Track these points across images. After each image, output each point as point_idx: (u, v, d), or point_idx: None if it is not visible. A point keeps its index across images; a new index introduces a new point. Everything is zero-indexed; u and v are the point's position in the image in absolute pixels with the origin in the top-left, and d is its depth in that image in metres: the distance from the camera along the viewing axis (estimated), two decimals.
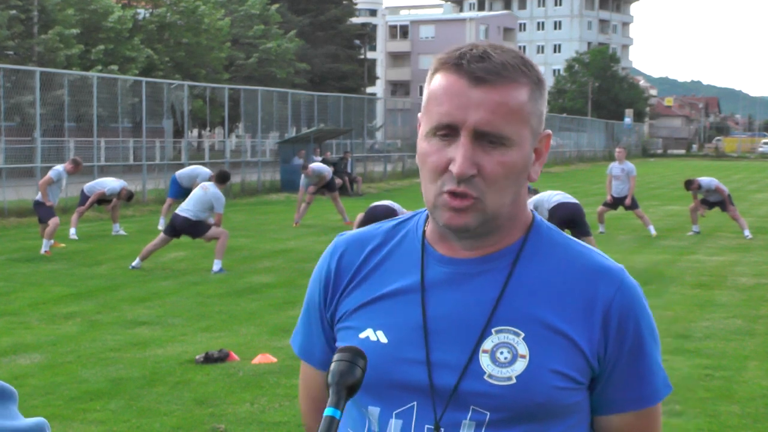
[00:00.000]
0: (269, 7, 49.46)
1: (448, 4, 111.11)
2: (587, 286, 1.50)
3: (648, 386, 1.53)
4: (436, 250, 1.55)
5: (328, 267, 1.62)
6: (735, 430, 5.77)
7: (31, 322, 8.85)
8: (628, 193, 16.48)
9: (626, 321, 1.50)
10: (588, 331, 1.48)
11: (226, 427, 5.71)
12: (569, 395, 1.48)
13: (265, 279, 11.48)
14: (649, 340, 1.52)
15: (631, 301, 1.51)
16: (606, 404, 1.53)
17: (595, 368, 1.50)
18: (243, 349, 7.61)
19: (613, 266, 1.53)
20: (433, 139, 1.46)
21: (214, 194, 11.89)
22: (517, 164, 1.45)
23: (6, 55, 33.52)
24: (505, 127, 1.43)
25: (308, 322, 1.67)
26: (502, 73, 1.43)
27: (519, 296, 1.49)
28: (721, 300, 10.23)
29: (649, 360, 1.52)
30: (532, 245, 1.53)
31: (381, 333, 1.52)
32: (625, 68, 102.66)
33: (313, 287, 1.65)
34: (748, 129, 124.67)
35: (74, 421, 5.81)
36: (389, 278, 1.56)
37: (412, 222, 1.61)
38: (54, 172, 14.10)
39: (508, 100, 1.43)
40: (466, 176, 1.42)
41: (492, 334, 1.48)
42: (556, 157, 53.65)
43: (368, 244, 1.60)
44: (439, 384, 1.48)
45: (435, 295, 1.52)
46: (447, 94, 1.44)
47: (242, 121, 33.26)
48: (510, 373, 1.46)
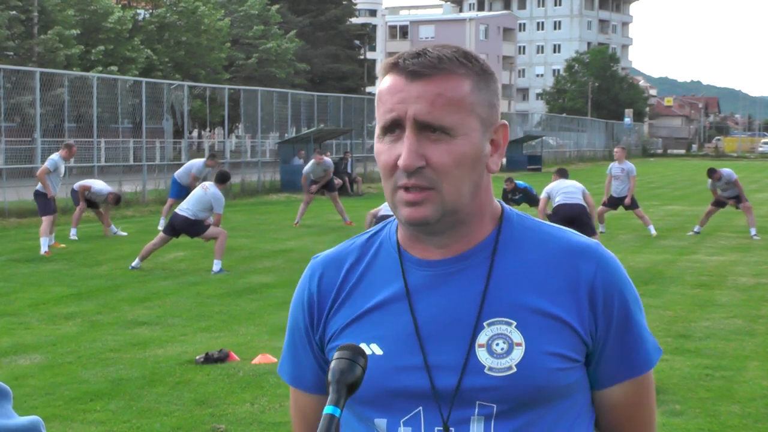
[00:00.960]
0: (269, 8, 49.44)
1: (448, 5, 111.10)
2: (567, 266, 1.52)
3: (640, 354, 1.56)
4: (412, 254, 1.56)
5: (309, 290, 1.62)
6: (735, 430, 5.76)
7: (31, 322, 8.84)
8: (628, 193, 16.50)
9: (611, 295, 1.53)
10: (577, 309, 1.51)
11: (226, 428, 5.71)
12: (568, 375, 1.50)
13: (265, 279, 11.48)
14: (635, 309, 1.56)
15: (613, 273, 1.54)
16: (603, 378, 1.56)
17: (589, 345, 1.52)
18: (243, 350, 7.61)
19: (588, 243, 1.56)
20: (384, 138, 1.49)
21: (214, 194, 11.90)
22: (466, 154, 1.46)
23: (6, 55, 33.51)
24: (446, 117, 1.45)
25: (295, 348, 1.66)
26: (437, 65, 1.46)
27: (504, 287, 1.51)
28: (722, 300, 10.22)
29: (638, 328, 1.56)
30: (507, 236, 1.55)
31: (375, 345, 1.53)
32: (625, 68, 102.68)
33: (296, 313, 1.65)
34: (747, 129, 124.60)
35: (74, 421, 5.81)
36: (373, 291, 1.57)
37: (384, 231, 1.62)
38: (50, 162, 14.01)
39: (445, 91, 1.45)
40: (412, 168, 1.44)
41: (485, 328, 1.49)
42: (557, 156, 53.65)
43: (345, 261, 1.61)
44: (441, 386, 1.48)
45: (421, 299, 1.53)
46: (388, 93, 1.48)
47: (242, 121, 33.25)
48: (509, 363, 1.47)
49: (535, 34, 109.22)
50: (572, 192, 11.65)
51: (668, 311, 9.36)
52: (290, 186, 26.95)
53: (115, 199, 15.61)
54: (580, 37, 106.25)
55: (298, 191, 26.28)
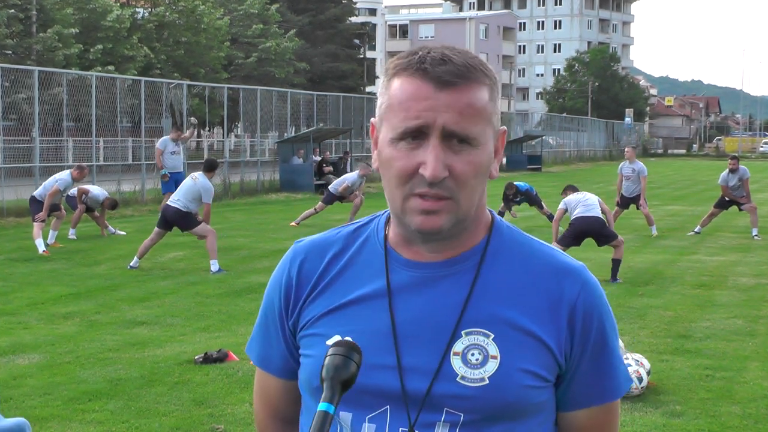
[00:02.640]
0: (268, 7, 49.45)
1: (448, 4, 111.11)
2: (552, 285, 1.52)
3: (611, 381, 1.56)
4: (399, 254, 1.55)
5: (288, 274, 1.62)
6: (736, 431, 5.75)
7: (30, 322, 8.83)
8: (641, 193, 16.54)
9: (590, 318, 1.52)
10: (555, 329, 1.50)
11: (225, 428, 5.69)
12: (538, 393, 1.50)
13: (264, 279, 11.44)
14: (612, 335, 1.56)
15: (595, 298, 1.54)
16: (571, 400, 1.56)
17: (562, 365, 1.52)
18: (242, 349, 7.56)
19: (575, 265, 1.56)
20: (400, 144, 1.46)
21: (203, 184, 12.00)
22: (483, 164, 1.47)
23: (5, 54, 33.49)
24: (472, 127, 1.44)
25: (266, 330, 1.66)
26: (466, 75, 1.45)
27: (486, 298, 1.51)
28: (722, 300, 10.21)
29: (612, 355, 1.56)
30: (495, 245, 1.55)
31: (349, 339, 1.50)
32: (626, 68, 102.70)
33: (272, 295, 1.65)
34: (748, 129, 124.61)
35: (73, 421, 5.79)
36: (354, 284, 1.55)
37: (371, 226, 1.61)
38: (62, 183, 13.96)
39: (474, 101, 1.45)
40: (439, 179, 1.43)
41: (462, 336, 1.49)
42: (557, 156, 53.64)
43: (329, 250, 1.60)
44: (412, 388, 1.48)
45: (402, 299, 1.52)
46: (414, 99, 1.44)
47: (241, 120, 33.24)
48: (482, 374, 1.47)
49: (536, 34, 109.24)
50: (592, 205, 11.56)
51: (668, 311, 9.34)
52: (289, 185, 26.93)
53: (111, 204, 15.54)
54: (580, 36, 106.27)
55: (297, 191, 26.32)
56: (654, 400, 6.25)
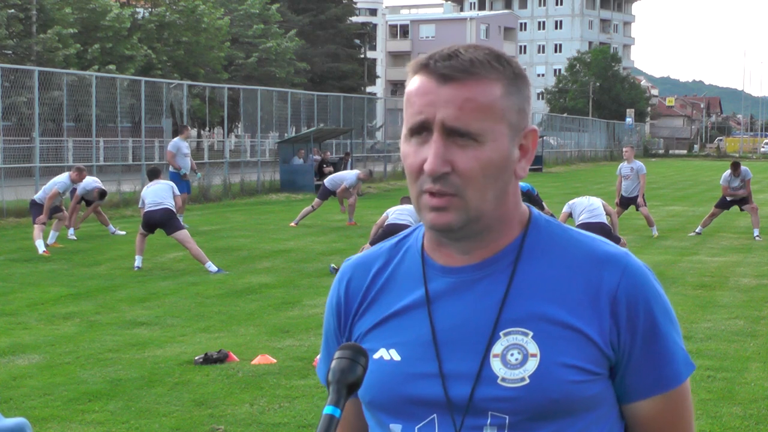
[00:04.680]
0: (269, 7, 49.44)
1: (449, 4, 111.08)
2: (591, 275, 1.49)
3: (669, 368, 1.51)
4: (435, 261, 1.54)
5: (338, 294, 1.64)
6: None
7: (30, 322, 8.82)
8: (639, 192, 16.52)
9: (635, 305, 1.48)
10: (597, 320, 1.47)
11: (226, 428, 5.68)
12: (587, 387, 1.46)
13: (265, 279, 11.45)
14: (663, 320, 1.51)
15: (639, 283, 1.50)
16: (630, 391, 1.52)
17: (611, 357, 1.48)
18: (242, 350, 7.58)
19: (616, 251, 1.52)
20: (411, 140, 1.46)
21: (168, 182, 12.81)
22: (492, 160, 1.44)
23: (5, 54, 33.49)
24: (474, 123, 1.42)
25: (328, 351, 1.67)
26: (469, 69, 1.43)
27: (523, 296, 1.49)
28: (723, 301, 10.20)
29: (667, 341, 1.51)
30: (532, 242, 1.52)
31: (394, 351, 1.52)
32: (627, 68, 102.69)
33: (328, 317, 1.67)
34: (749, 129, 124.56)
35: (73, 422, 5.78)
36: (396, 296, 1.56)
37: (413, 236, 1.61)
38: (61, 185, 14.03)
39: (476, 96, 1.43)
40: (437, 173, 1.42)
41: (501, 338, 1.47)
42: (558, 157, 53.62)
43: (373, 265, 1.61)
44: (455, 395, 1.47)
45: (441, 306, 1.52)
46: (417, 95, 1.45)
47: (241, 120, 33.21)
48: (523, 374, 1.45)
49: (537, 34, 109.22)
50: (597, 210, 11.52)
51: None
52: (290, 186, 26.92)
53: (100, 193, 15.53)
54: (581, 36, 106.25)
55: (297, 191, 26.31)
56: None
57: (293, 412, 5.95)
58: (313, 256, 13.45)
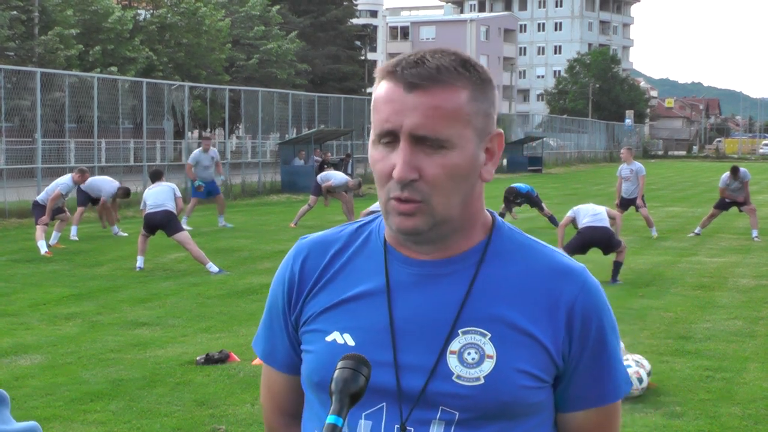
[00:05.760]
0: (270, 8, 49.45)
1: (449, 6, 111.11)
2: (551, 286, 1.51)
3: (610, 383, 1.55)
4: (399, 252, 1.55)
5: (291, 270, 1.63)
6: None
7: (32, 322, 8.84)
8: (638, 193, 16.55)
9: (589, 319, 1.52)
10: (552, 330, 1.50)
11: (227, 428, 5.71)
12: (535, 394, 1.50)
13: (266, 280, 11.47)
14: (611, 337, 1.55)
15: (594, 299, 1.53)
16: (570, 401, 1.55)
17: (560, 366, 1.52)
18: (243, 350, 7.60)
19: (575, 266, 1.55)
20: (379, 146, 1.48)
21: (169, 184, 12.69)
22: (459, 166, 1.45)
23: (7, 56, 33.51)
24: (442, 130, 1.43)
25: (270, 325, 1.67)
26: (435, 77, 1.44)
27: (484, 297, 1.51)
28: (722, 301, 10.22)
29: (612, 357, 1.55)
30: (496, 246, 1.55)
31: (348, 336, 1.53)
32: (626, 69, 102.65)
33: (276, 291, 1.66)
34: (748, 130, 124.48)
35: (74, 422, 5.81)
36: (354, 281, 1.56)
37: (374, 224, 1.62)
38: (64, 187, 14.09)
39: (442, 104, 1.43)
40: (406, 181, 1.43)
41: (459, 335, 1.49)
42: (558, 158, 53.62)
43: (331, 247, 1.61)
44: (407, 386, 1.48)
45: (401, 296, 1.53)
46: (385, 102, 1.46)
47: (242, 122, 33.25)
48: (478, 374, 1.47)
49: (536, 35, 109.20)
50: (600, 215, 11.57)
51: (669, 313, 9.35)
52: (291, 187, 26.93)
53: (125, 192, 15.70)
54: (581, 38, 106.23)
55: (298, 192, 26.32)
56: (654, 401, 6.27)
57: None
58: None
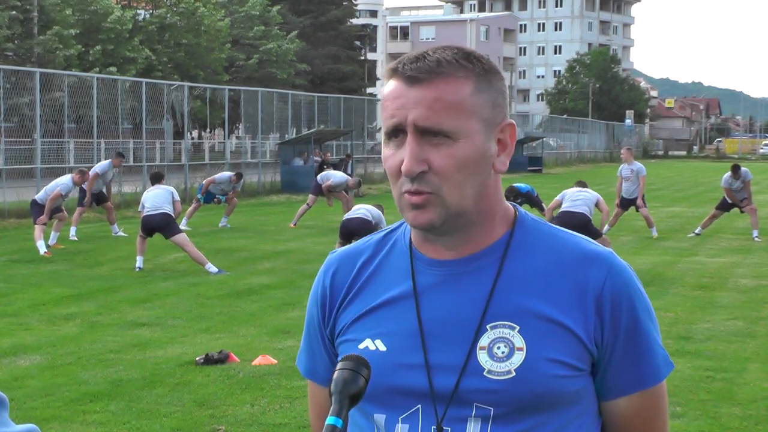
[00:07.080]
0: (270, 8, 49.46)
1: (449, 5, 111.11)
2: (577, 273, 1.51)
3: (649, 366, 1.54)
4: (424, 254, 1.56)
5: (323, 285, 1.65)
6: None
7: (31, 323, 8.84)
8: (639, 193, 16.54)
9: (619, 303, 1.51)
10: (583, 317, 1.49)
11: (227, 429, 5.70)
12: (570, 383, 1.49)
13: (265, 280, 11.47)
14: (645, 319, 1.53)
15: (623, 282, 1.52)
16: (610, 388, 1.54)
17: (594, 354, 1.51)
18: (243, 351, 7.60)
19: (601, 251, 1.54)
20: (389, 144, 1.49)
21: (168, 188, 12.64)
22: (468, 157, 1.46)
23: (6, 56, 33.50)
24: (446, 121, 1.45)
25: (310, 342, 1.69)
26: (435, 69, 1.46)
27: (510, 290, 1.51)
28: (722, 302, 10.21)
29: (647, 339, 1.53)
30: (519, 238, 1.55)
31: (379, 342, 1.54)
32: (626, 69, 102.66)
33: (311, 307, 1.68)
34: (749, 130, 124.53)
35: (74, 422, 5.80)
36: (383, 288, 1.58)
37: (399, 230, 1.63)
38: (63, 188, 14.10)
39: (444, 95, 1.45)
40: (413, 173, 1.45)
41: (487, 331, 1.49)
42: (558, 158, 53.63)
43: (359, 257, 1.63)
44: (440, 386, 1.49)
45: (428, 298, 1.54)
46: (390, 99, 1.48)
47: (242, 122, 33.26)
48: (509, 367, 1.47)
49: (536, 35, 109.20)
50: (580, 200, 11.61)
51: (669, 313, 9.34)
52: (291, 187, 26.92)
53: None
54: (581, 38, 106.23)
55: (298, 192, 26.31)
56: None
57: (294, 413, 5.97)
58: (314, 257, 13.46)
